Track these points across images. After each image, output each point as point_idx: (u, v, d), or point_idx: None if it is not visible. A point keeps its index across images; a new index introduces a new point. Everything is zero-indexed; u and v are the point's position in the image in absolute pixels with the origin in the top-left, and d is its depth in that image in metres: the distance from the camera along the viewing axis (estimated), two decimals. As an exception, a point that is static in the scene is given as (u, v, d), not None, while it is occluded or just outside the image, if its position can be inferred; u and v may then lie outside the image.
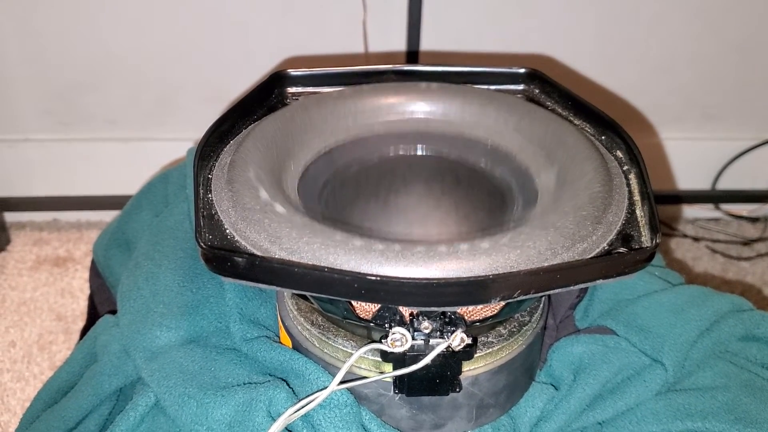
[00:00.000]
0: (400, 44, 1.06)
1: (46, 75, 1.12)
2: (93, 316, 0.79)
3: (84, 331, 0.84)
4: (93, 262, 0.78)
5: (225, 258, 0.43)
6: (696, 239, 1.24)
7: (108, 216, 1.22)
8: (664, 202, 1.26)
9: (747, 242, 1.24)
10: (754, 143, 1.23)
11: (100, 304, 0.77)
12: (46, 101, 1.15)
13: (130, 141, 1.18)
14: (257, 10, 1.07)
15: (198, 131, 1.17)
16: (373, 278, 0.41)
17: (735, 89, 1.20)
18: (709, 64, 1.16)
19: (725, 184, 1.26)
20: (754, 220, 1.28)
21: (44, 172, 1.20)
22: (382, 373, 0.48)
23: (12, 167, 1.18)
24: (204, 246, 0.43)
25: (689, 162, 1.25)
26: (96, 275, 0.77)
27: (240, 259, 0.42)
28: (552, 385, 0.56)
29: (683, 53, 1.15)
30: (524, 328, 0.52)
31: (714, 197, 1.27)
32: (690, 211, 1.28)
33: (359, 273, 0.41)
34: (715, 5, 1.10)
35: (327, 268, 0.42)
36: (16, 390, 0.98)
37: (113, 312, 0.65)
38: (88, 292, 0.84)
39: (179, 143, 1.14)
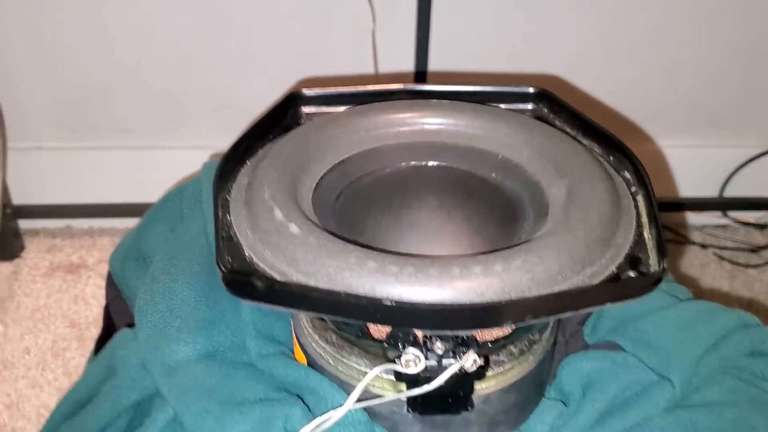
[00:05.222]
0: (408, 65, 1.08)
1: (58, 84, 1.14)
2: (108, 326, 0.81)
3: (99, 340, 0.85)
4: (109, 274, 0.79)
5: (245, 282, 0.44)
6: (703, 246, 1.25)
7: (120, 223, 1.23)
8: (671, 209, 1.26)
9: (755, 249, 1.25)
10: (761, 150, 1.23)
11: (116, 315, 0.78)
12: (58, 110, 1.16)
13: (141, 149, 1.20)
14: (265, 20, 1.09)
15: (207, 139, 1.19)
16: (389, 303, 0.42)
17: (742, 97, 1.20)
18: (716, 71, 1.17)
19: (733, 191, 1.27)
20: (762, 227, 1.29)
21: (57, 179, 1.22)
22: (399, 391, 0.49)
23: (25, 175, 1.20)
24: (224, 270, 0.45)
25: (697, 169, 1.25)
26: (112, 286, 0.78)
27: (259, 284, 0.43)
28: (561, 401, 0.57)
29: (689, 61, 1.16)
30: (534, 347, 0.53)
31: (721, 204, 1.28)
32: (697, 218, 1.29)
33: (375, 297, 0.43)
34: (721, 13, 1.11)
35: (343, 293, 0.43)
36: (30, 396, 1.00)
37: (129, 324, 0.67)
38: (100, 298, 0.85)
39: (189, 151, 1.16)
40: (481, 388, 0.50)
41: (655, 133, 1.19)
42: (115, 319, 0.78)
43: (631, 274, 0.47)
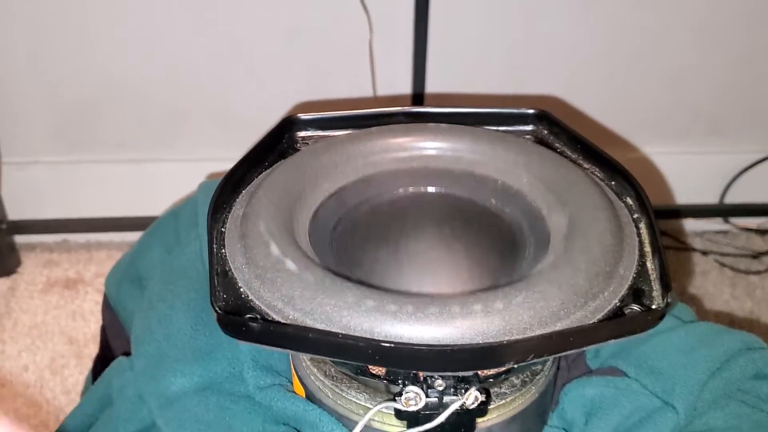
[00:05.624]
0: (406, 87, 1.07)
1: (55, 98, 1.13)
2: (105, 348, 0.80)
3: (97, 362, 0.84)
4: (105, 297, 0.78)
5: (240, 323, 0.43)
6: (704, 253, 1.24)
7: (117, 237, 1.22)
8: (672, 216, 1.26)
9: (756, 255, 1.24)
10: (761, 156, 1.23)
11: (113, 338, 0.77)
12: (55, 124, 1.16)
13: (139, 162, 1.19)
14: (265, 34, 1.08)
15: (206, 152, 1.18)
16: (387, 345, 0.41)
17: (742, 103, 1.20)
18: (716, 78, 1.16)
19: (733, 197, 1.26)
20: (763, 233, 1.28)
21: (53, 194, 1.21)
22: (401, 429, 0.48)
23: (22, 190, 1.19)
24: (219, 311, 0.44)
25: (697, 175, 1.25)
26: (108, 309, 0.78)
27: (255, 325, 0.43)
28: (564, 429, 0.56)
29: (690, 68, 1.15)
30: (537, 377, 0.52)
31: (722, 211, 1.27)
32: (698, 224, 1.28)
33: (373, 339, 0.42)
34: (721, 21, 1.10)
35: (341, 334, 0.42)
36: (29, 415, 0.99)
37: (126, 350, 0.66)
38: (98, 314, 0.85)
39: (188, 164, 1.15)
40: (482, 420, 0.49)
41: (655, 139, 1.19)
42: (112, 343, 0.77)
43: (635, 307, 0.46)
